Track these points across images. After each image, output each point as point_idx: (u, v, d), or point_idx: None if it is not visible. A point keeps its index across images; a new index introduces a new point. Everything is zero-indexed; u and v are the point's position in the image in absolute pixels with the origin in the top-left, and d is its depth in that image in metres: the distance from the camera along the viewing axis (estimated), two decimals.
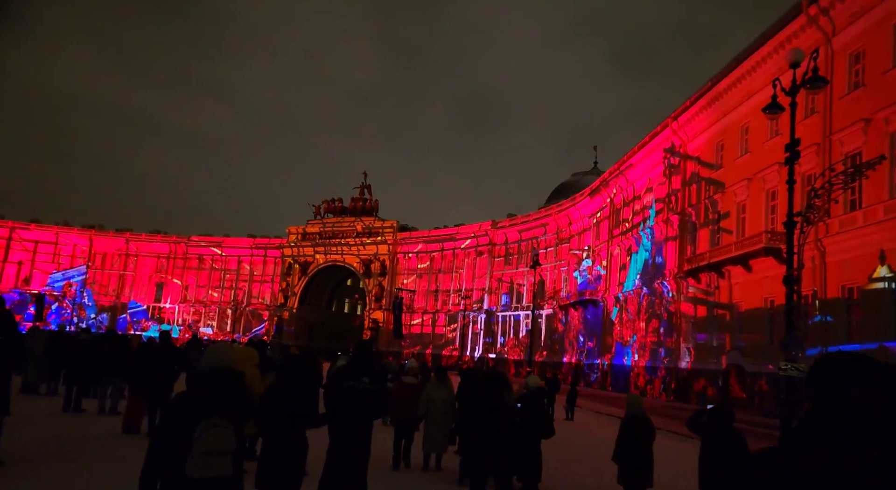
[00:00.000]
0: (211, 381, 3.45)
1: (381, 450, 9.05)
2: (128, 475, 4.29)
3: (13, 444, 8.11)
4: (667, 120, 33.17)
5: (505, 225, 58.13)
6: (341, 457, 5.33)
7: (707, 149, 30.56)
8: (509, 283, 56.50)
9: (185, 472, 3.15)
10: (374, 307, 67.06)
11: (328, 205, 71.82)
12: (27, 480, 7.19)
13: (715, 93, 28.93)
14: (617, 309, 39.21)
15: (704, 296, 29.13)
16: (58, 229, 71.74)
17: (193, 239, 74.42)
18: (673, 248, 32.80)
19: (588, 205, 46.17)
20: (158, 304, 73.32)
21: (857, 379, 1.47)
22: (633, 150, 37.68)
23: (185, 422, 3.24)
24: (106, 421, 11.86)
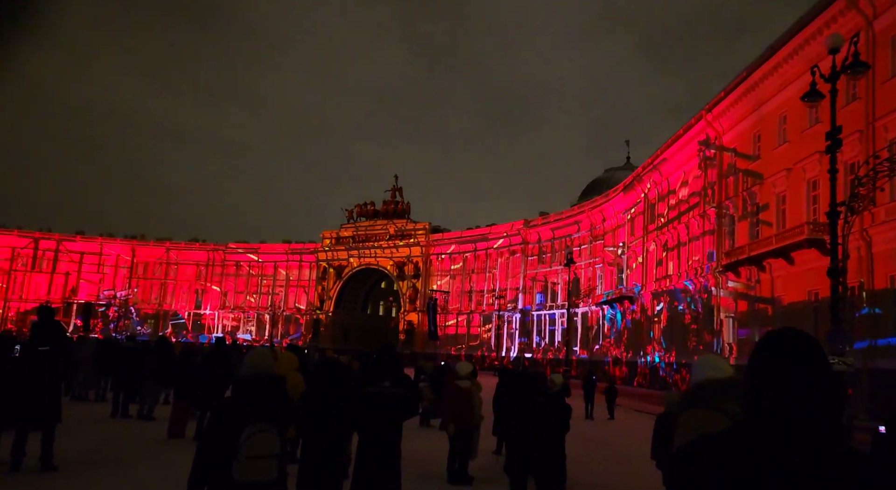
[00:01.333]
0: (253, 386, 3.51)
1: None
2: (175, 479, 4.41)
3: (66, 450, 8.40)
4: (701, 112, 32.49)
5: (537, 223, 57.76)
6: (370, 461, 5.33)
7: (744, 140, 29.84)
8: (543, 281, 56.12)
9: (231, 476, 3.21)
10: (409, 309, 67.37)
11: (360, 209, 72.49)
12: (80, 485, 7.42)
13: (750, 82, 28.22)
14: (654, 305, 38.58)
15: (745, 290, 28.44)
16: (102, 240, 74.10)
17: (231, 246, 75.97)
18: (710, 242, 32.12)
19: (622, 201, 45.55)
20: (199, 310, 75.04)
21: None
22: (667, 143, 37.03)
23: (230, 427, 3.30)
24: (152, 426, 12.18)
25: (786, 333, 1.47)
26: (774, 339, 1.48)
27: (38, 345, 8.09)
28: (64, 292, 70.16)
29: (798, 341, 1.45)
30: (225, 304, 74.73)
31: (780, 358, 1.42)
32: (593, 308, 48.37)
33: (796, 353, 1.42)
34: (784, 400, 1.37)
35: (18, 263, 70.83)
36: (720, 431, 1.46)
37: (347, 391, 5.80)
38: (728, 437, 1.42)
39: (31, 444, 7.81)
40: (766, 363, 1.44)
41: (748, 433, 1.39)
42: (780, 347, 1.45)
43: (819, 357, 1.43)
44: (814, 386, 1.38)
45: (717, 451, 1.39)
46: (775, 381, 1.39)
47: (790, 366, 1.40)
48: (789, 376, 1.39)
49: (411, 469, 8.00)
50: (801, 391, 1.37)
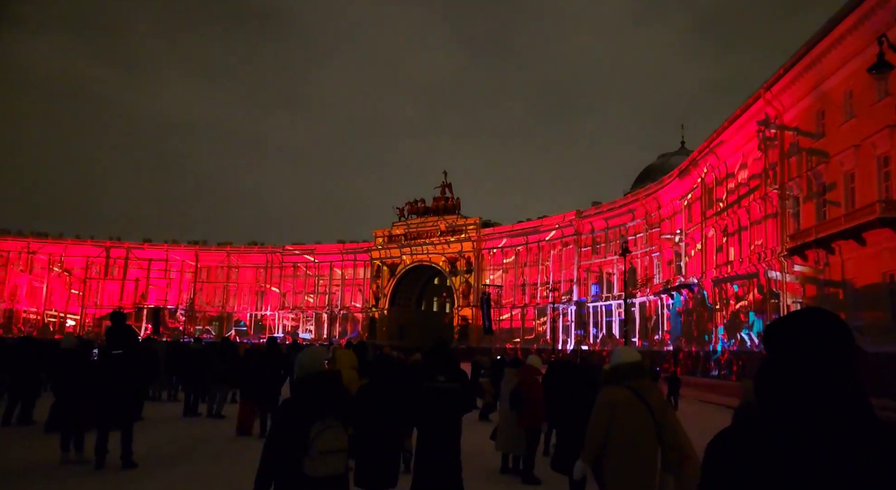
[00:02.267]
0: (313, 384, 3.61)
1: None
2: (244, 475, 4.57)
3: (144, 448, 8.84)
4: (759, 90, 31.18)
5: (590, 213, 56.83)
6: (429, 456, 5.36)
7: (806, 117, 28.48)
8: (598, 272, 55.21)
9: (302, 471, 3.31)
10: (463, 304, 67.54)
11: (411, 206, 73.07)
12: (158, 480, 7.80)
13: (812, 57, 26.90)
14: (716, 292, 37.39)
15: (813, 274, 27.20)
16: (167, 247, 77.41)
17: (287, 248, 77.97)
18: (773, 225, 30.85)
19: (677, 186, 44.27)
20: (260, 312, 77.38)
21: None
22: (724, 125, 35.73)
23: (297, 425, 3.40)
24: (221, 424, 12.66)
25: (806, 315, 1.42)
26: (794, 322, 1.42)
27: (112, 348, 8.53)
28: (134, 298, 73.66)
29: (820, 321, 1.39)
30: (284, 304, 76.79)
31: (802, 340, 1.37)
32: (651, 298, 47.28)
33: (819, 333, 1.37)
34: (808, 384, 1.32)
35: (93, 271, 74.80)
36: (747, 422, 1.40)
37: (404, 387, 5.87)
38: (757, 425, 1.37)
39: (111, 442, 8.25)
40: (789, 346, 1.38)
41: (778, 420, 1.33)
42: (802, 329, 1.39)
43: (840, 336, 1.37)
44: (837, 367, 1.32)
45: (748, 440, 1.35)
46: (798, 364, 1.34)
47: (812, 348, 1.35)
48: (812, 359, 1.34)
49: (475, 466, 8.04)
50: (824, 374, 1.32)
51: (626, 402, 4.35)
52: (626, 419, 4.31)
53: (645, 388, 4.45)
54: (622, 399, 4.38)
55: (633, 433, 4.28)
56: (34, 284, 72.36)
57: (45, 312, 72.06)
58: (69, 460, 8.47)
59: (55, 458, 8.49)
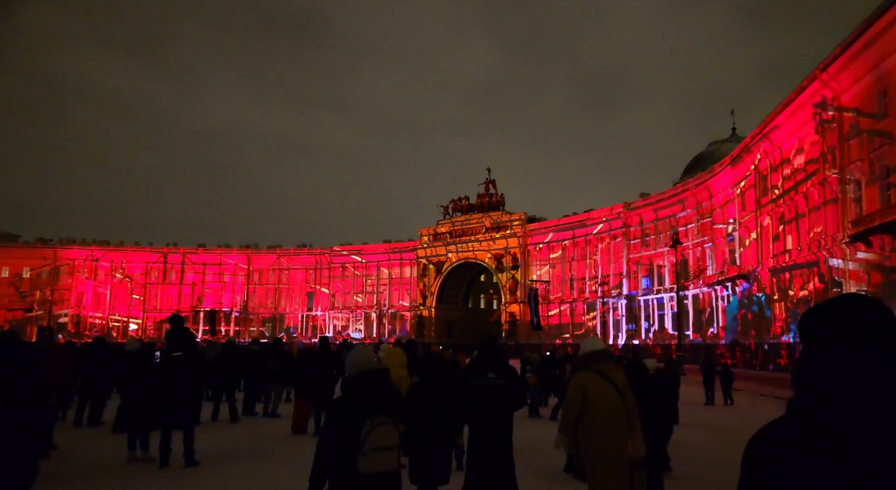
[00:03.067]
0: (363, 382, 3.65)
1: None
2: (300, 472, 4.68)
3: (204, 447, 9.14)
4: (814, 72, 29.88)
5: (639, 205, 55.67)
6: (481, 453, 5.36)
7: (866, 98, 27.13)
8: (648, 265, 54.06)
9: (355, 468, 3.36)
10: (510, 300, 67.22)
11: (455, 204, 73.15)
12: (219, 478, 8.07)
13: (871, 34, 25.59)
14: (773, 283, 36.08)
15: (878, 261, 25.92)
16: (220, 251, 79.87)
17: (335, 249, 79.29)
18: (833, 211, 29.53)
19: (729, 174, 42.89)
20: (311, 312, 78.96)
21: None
22: (777, 109, 34.39)
23: (349, 423, 3.45)
24: (276, 423, 12.97)
25: (847, 301, 1.33)
26: (834, 309, 1.33)
27: (171, 351, 8.85)
28: (191, 301, 76.29)
29: (863, 308, 1.30)
30: (334, 304, 78.12)
31: (844, 329, 1.28)
32: (705, 289, 45.99)
33: (862, 321, 1.28)
34: (853, 376, 1.23)
35: (152, 277, 77.88)
36: (790, 416, 1.33)
37: (453, 384, 5.88)
38: (800, 420, 1.29)
39: (174, 441, 8.57)
40: (831, 336, 1.29)
41: (818, 415, 1.26)
42: (844, 317, 1.30)
43: (886, 324, 1.27)
44: (884, 358, 1.23)
45: (786, 436, 1.29)
46: (841, 355, 1.26)
47: (857, 337, 1.26)
48: (858, 349, 1.25)
49: (529, 462, 8.00)
50: (871, 365, 1.23)
51: (595, 383, 5.07)
52: (596, 397, 4.98)
53: (610, 371, 5.25)
54: (591, 381, 5.07)
55: (605, 408, 4.95)
56: (98, 291, 75.83)
57: (109, 317, 75.41)
58: (135, 459, 8.84)
59: (122, 456, 8.88)
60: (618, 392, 5.07)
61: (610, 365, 5.29)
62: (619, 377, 5.21)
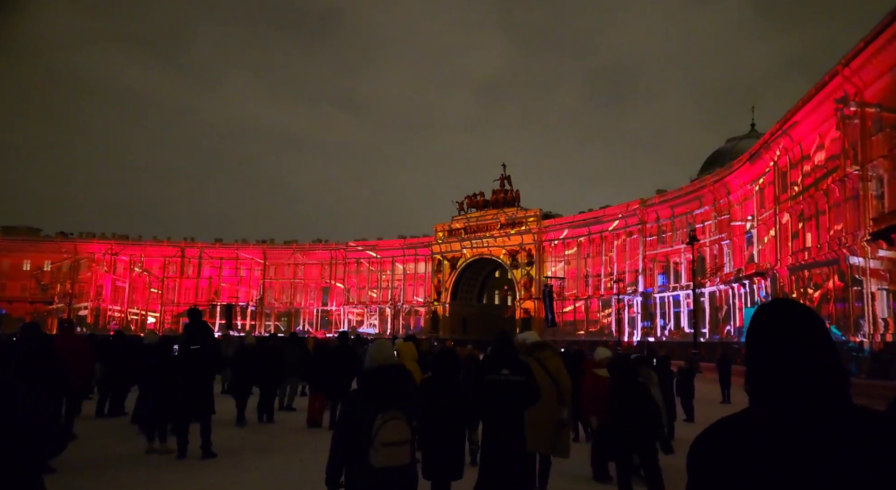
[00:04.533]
0: (379, 377, 3.66)
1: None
2: (316, 465, 4.72)
3: (221, 439, 9.24)
4: (836, 67, 29.37)
5: (655, 202, 55.20)
6: (495, 449, 5.35)
7: (890, 93, 26.61)
8: (664, 262, 53.62)
9: (368, 462, 3.38)
10: (524, 297, 67.08)
11: (470, 200, 73.03)
12: (235, 469, 8.16)
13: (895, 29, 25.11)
14: (792, 281, 35.63)
15: None
16: (237, 246, 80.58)
17: (350, 244, 79.59)
18: (854, 208, 29.06)
19: (748, 171, 42.36)
20: (326, 307, 79.40)
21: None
22: (797, 105, 33.87)
23: (362, 417, 3.47)
24: (293, 416, 13.07)
25: (775, 306, 1.45)
26: (765, 314, 1.45)
27: (189, 344, 8.94)
28: (208, 295, 77.07)
29: (788, 313, 1.41)
30: (349, 299, 78.48)
31: (774, 332, 1.39)
32: (722, 287, 45.53)
33: (788, 325, 1.39)
34: (785, 376, 1.34)
35: (169, 271, 78.79)
36: (734, 415, 1.42)
37: (466, 380, 5.89)
38: (742, 418, 1.39)
39: (191, 433, 8.68)
40: (762, 339, 1.41)
41: (760, 412, 1.35)
42: (773, 322, 1.41)
43: (811, 327, 1.38)
44: (812, 357, 1.34)
45: (732, 433, 1.37)
46: (773, 357, 1.37)
47: (785, 340, 1.37)
48: (787, 351, 1.36)
49: None
50: (801, 364, 1.34)
51: (533, 367, 5.96)
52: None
53: (545, 358, 6.51)
54: (532, 366, 5.93)
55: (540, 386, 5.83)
56: (118, 284, 76.88)
57: (127, 310, 76.44)
58: (153, 450, 8.96)
59: (141, 447, 9.01)
60: (549, 375, 6.32)
61: (546, 354, 6.62)
62: (553, 363, 6.53)
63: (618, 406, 6.38)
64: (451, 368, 5.66)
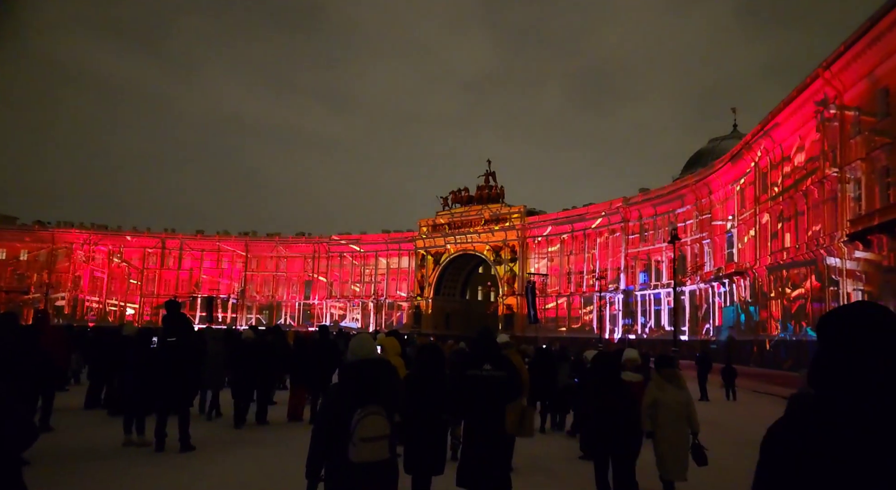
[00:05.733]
0: (360, 371, 3.65)
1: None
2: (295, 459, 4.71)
3: (199, 432, 9.17)
4: (817, 70, 29.80)
5: (638, 200, 55.64)
6: (475, 444, 5.37)
7: (868, 97, 27.07)
8: (646, 260, 54.11)
9: (347, 456, 3.37)
10: (507, 293, 67.29)
11: (455, 195, 73.01)
12: (214, 463, 8.10)
13: (875, 33, 25.50)
14: (770, 280, 36.15)
15: (876, 260, 25.96)
16: (219, 238, 79.77)
17: (334, 238, 79.20)
18: (832, 210, 29.54)
19: (729, 171, 42.86)
20: (308, 300, 78.98)
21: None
22: (778, 107, 34.33)
23: (342, 411, 3.46)
24: (273, 410, 12.97)
25: (863, 307, 1.51)
26: (852, 314, 1.50)
27: (167, 336, 8.84)
28: (189, 287, 76.28)
29: (878, 314, 1.47)
30: (331, 293, 78.13)
31: (861, 332, 1.44)
32: (702, 286, 46.08)
33: (877, 326, 1.44)
34: (866, 374, 1.39)
35: (149, 262, 77.82)
36: (806, 409, 1.47)
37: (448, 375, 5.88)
38: (815, 412, 1.44)
39: (170, 426, 8.59)
40: (849, 338, 1.46)
41: (837, 409, 1.40)
42: (861, 321, 1.47)
43: (886, 326, 1.44)
44: (884, 357, 1.40)
45: (808, 426, 1.42)
46: (856, 355, 1.42)
47: (871, 340, 1.42)
48: (871, 351, 1.41)
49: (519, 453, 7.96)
50: (882, 365, 1.39)
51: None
52: None
53: (510, 354, 7.47)
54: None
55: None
56: (96, 275, 75.77)
57: (106, 301, 75.39)
58: (131, 443, 8.86)
59: (118, 440, 8.90)
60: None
61: (511, 351, 7.98)
62: (515, 359, 7.88)
63: (599, 403, 6.39)
64: (434, 364, 5.66)
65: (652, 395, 6.57)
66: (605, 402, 6.28)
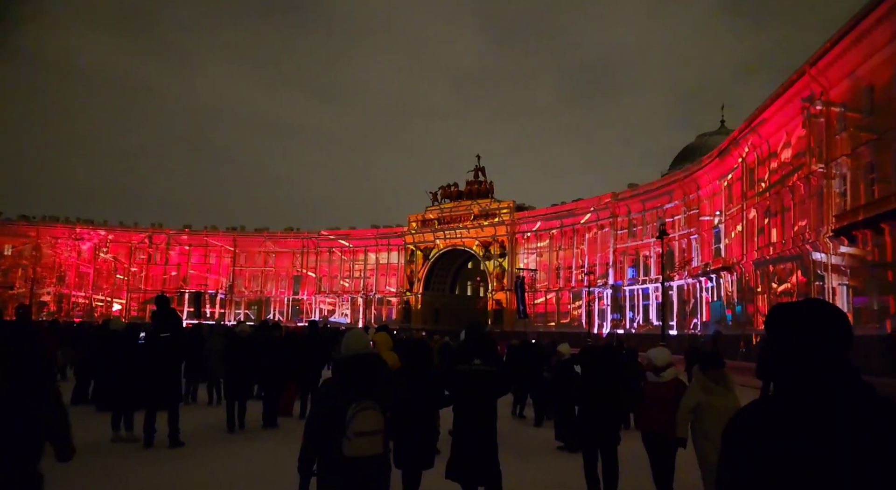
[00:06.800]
0: (354, 366, 3.64)
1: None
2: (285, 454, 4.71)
3: (188, 427, 9.11)
4: (803, 66, 30.04)
5: (626, 196, 55.91)
6: (465, 439, 5.39)
7: (854, 93, 27.34)
8: (634, 255, 54.43)
9: (340, 451, 3.37)
10: (497, 288, 67.44)
11: (444, 190, 72.97)
12: (203, 458, 8.06)
13: (860, 30, 25.73)
14: (757, 275, 36.49)
15: (861, 255, 26.28)
16: (206, 233, 79.19)
17: (323, 233, 78.89)
18: (818, 205, 29.85)
19: (717, 167, 43.16)
20: (297, 296, 78.69)
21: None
22: (765, 103, 34.58)
23: (335, 406, 3.45)
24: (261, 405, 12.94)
25: (802, 304, 1.58)
26: (802, 310, 1.57)
27: (158, 332, 8.78)
28: (177, 282, 75.73)
29: (812, 310, 1.55)
30: (320, 289, 77.90)
31: (812, 328, 1.52)
32: (690, 281, 46.44)
33: (824, 322, 1.53)
34: (813, 367, 1.48)
35: (136, 257, 77.13)
36: (762, 400, 1.55)
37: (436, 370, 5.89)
38: (769, 404, 1.51)
39: (159, 421, 8.54)
40: (784, 333, 1.54)
41: (785, 399, 1.48)
42: (796, 317, 1.55)
43: (843, 325, 1.53)
44: (838, 353, 1.49)
45: (761, 419, 1.49)
46: (804, 349, 1.50)
47: (819, 336, 1.50)
48: (818, 346, 1.49)
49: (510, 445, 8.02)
50: (829, 358, 1.48)
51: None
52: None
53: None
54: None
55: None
56: (82, 270, 74.98)
57: (92, 297, 74.66)
58: (119, 438, 8.81)
59: (106, 436, 8.84)
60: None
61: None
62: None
63: (586, 397, 6.43)
64: (423, 358, 5.67)
65: (694, 398, 5.72)
66: (592, 395, 6.34)
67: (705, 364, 5.93)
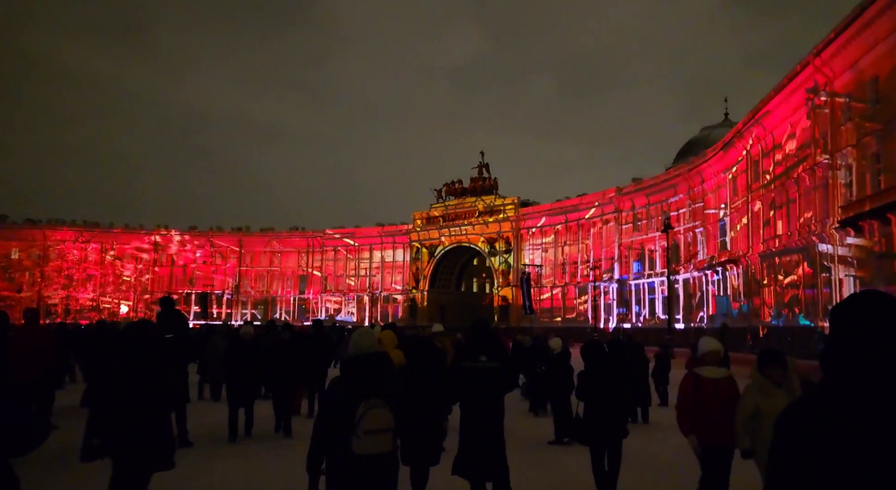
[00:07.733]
0: (362, 364, 3.66)
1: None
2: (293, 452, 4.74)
3: (198, 427, 9.17)
4: (807, 57, 29.86)
5: (631, 190, 55.75)
6: (472, 435, 5.41)
7: (859, 83, 27.17)
8: (640, 249, 54.29)
9: (350, 450, 3.39)
10: (502, 284, 67.42)
11: (448, 187, 72.91)
12: (213, 458, 8.12)
13: (864, 20, 25.56)
14: (763, 267, 36.35)
15: (868, 246, 26.15)
16: (212, 234, 79.42)
17: (328, 232, 78.98)
18: (824, 196, 29.70)
19: (721, 160, 42.98)
20: (303, 295, 78.86)
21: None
22: (770, 94, 34.39)
23: (344, 405, 3.47)
24: (269, 405, 13.00)
25: (866, 296, 1.52)
26: (855, 303, 1.52)
27: (163, 332, 8.82)
28: (183, 283, 76.00)
29: (879, 303, 1.48)
30: (326, 287, 78.04)
31: (862, 320, 1.47)
32: (695, 274, 46.30)
33: (878, 313, 1.46)
34: (878, 361, 1.42)
35: (142, 259, 77.44)
36: (817, 395, 1.50)
37: (442, 367, 5.91)
38: (825, 398, 1.47)
39: None
40: (850, 326, 1.48)
41: (842, 395, 1.44)
42: (862, 310, 1.49)
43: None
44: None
45: (816, 413, 1.45)
46: (868, 343, 1.44)
47: (872, 327, 1.44)
48: (873, 337, 1.44)
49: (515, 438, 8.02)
50: (885, 351, 1.42)
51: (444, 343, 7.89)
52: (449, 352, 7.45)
53: (443, 339, 9.72)
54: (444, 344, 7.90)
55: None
56: (88, 272, 75.32)
57: (99, 299, 75.02)
58: None
59: None
60: (443, 351, 8.42)
61: (443, 337, 10.36)
62: (447, 343, 10.00)
63: (590, 392, 6.43)
64: (428, 355, 5.69)
65: (752, 402, 4.95)
66: (598, 389, 6.34)
67: (763, 362, 5.10)
